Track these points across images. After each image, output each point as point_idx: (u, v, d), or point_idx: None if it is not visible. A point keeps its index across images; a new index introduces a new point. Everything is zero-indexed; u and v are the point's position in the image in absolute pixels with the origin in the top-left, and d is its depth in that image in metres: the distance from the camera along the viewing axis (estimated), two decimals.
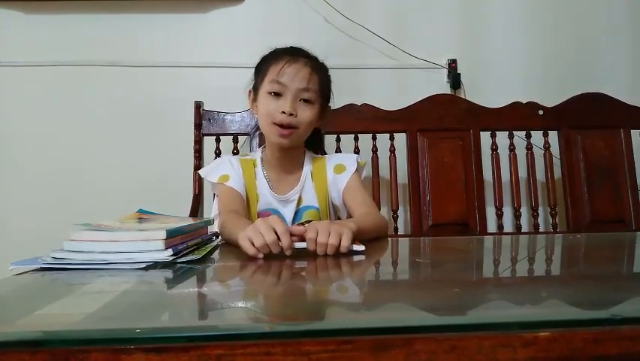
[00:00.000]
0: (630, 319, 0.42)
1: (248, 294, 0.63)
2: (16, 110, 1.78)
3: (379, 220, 1.15)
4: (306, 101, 1.16)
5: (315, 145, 1.33)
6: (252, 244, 0.80)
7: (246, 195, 1.20)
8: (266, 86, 1.17)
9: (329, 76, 1.23)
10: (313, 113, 1.17)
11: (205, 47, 1.83)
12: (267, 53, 1.23)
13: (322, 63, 1.22)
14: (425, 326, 0.42)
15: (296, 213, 1.22)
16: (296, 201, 1.22)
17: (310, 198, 1.23)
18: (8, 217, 1.75)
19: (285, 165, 1.24)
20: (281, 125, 1.14)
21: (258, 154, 1.28)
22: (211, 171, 1.23)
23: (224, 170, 1.21)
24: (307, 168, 1.25)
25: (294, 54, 1.18)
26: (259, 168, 1.24)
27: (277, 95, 1.15)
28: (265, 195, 1.22)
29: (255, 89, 1.23)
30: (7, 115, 1.78)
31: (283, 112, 1.13)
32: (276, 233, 0.80)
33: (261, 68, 1.21)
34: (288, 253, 0.81)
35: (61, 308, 0.54)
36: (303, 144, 1.26)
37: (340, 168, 1.24)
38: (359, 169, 1.26)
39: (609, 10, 1.93)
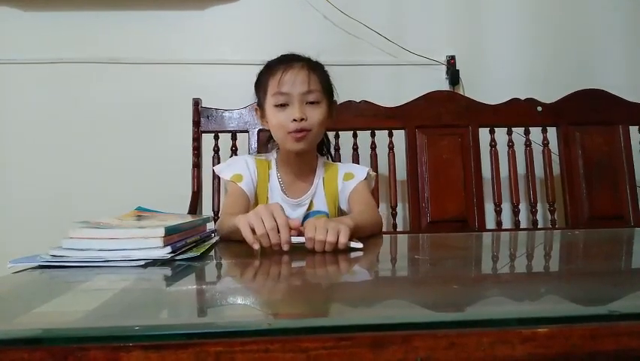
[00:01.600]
0: (628, 315, 0.42)
1: (246, 291, 0.63)
2: (15, 107, 1.78)
3: (375, 217, 1.16)
4: (312, 103, 1.16)
5: (322, 148, 1.34)
6: (252, 230, 0.81)
7: (255, 195, 1.22)
8: (270, 100, 1.17)
9: (327, 72, 1.24)
10: (322, 113, 1.18)
11: (203, 43, 1.83)
12: (262, 68, 1.23)
13: (317, 61, 1.22)
14: (424, 322, 0.42)
15: (305, 217, 1.23)
16: (307, 206, 1.23)
17: (321, 204, 1.25)
18: (7, 215, 1.74)
19: (299, 169, 1.25)
20: (294, 132, 1.15)
21: (272, 155, 1.28)
22: (226, 169, 1.25)
23: (238, 169, 1.22)
24: (320, 173, 1.27)
25: (287, 61, 1.18)
26: (273, 170, 1.25)
27: (283, 105, 1.16)
28: (275, 198, 1.23)
29: (260, 105, 1.23)
30: (6, 113, 1.78)
31: (294, 120, 1.14)
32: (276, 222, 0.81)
33: (261, 84, 1.22)
34: (285, 247, 0.82)
35: (60, 306, 0.54)
36: (315, 149, 1.27)
37: (349, 176, 1.25)
38: (368, 178, 1.27)
39: (607, 6, 1.92)
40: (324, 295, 0.60)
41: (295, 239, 0.84)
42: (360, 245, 0.85)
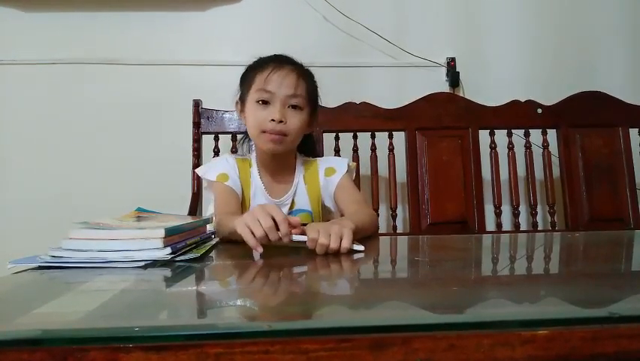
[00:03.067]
0: (628, 317, 0.42)
1: (246, 292, 0.63)
2: (15, 107, 1.78)
3: (371, 217, 1.16)
4: (294, 107, 1.15)
5: (307, 149, 1.33)
6: (252, 233, 0.80)
7: (242, 194, 1.21)
8: (253, 95, 1.16)
9: (315, 82, 1.23)
10: (302, 119, 1.17)
11: (204, 44, 1.83)
12: (252, 63, 1.23)
13: (308, 69, 1.22)
14: (424, 324, 0.42)
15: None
16: (289, 205, 1.22)
17: (303, 202, 1.24)
18: (6, 215, 1.74)
19: (278, 169, 1.24)
20: (270, 132, 1.14)
21: (253, 155, 1.27)
22: (209, 170, 1.23)
23: (222, 168, 1.21)
24: (299, 171, 1.25)
25: (279, 61, 1.18)
26: (254, 169, 1.24)
27: (265, 103, 1.15)
28: (259, 198, 1.22)
29: (242, 99, 1.22)
30: (6, 113, 1.78)
31: (272, 120, 1.13)
32: (274, 220, 0.81)
33: (247, 78, 1.21)
34: (285, 240, 0.81)
35: (60, 307, 0.54)
36: (294, 149, 1.26)
37: (331, 171, 1.24)
38: (349, 171, 1.26)
39: (608, 8, 1.93)
40: (324, 296, 0.60)
41: (297, 237, 0.83)
42: (361, 248, 0.85)
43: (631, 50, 1.93)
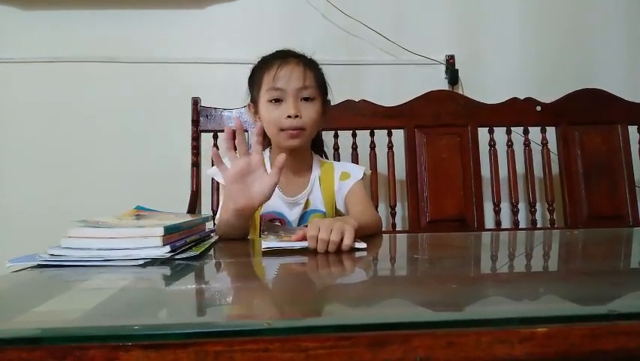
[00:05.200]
0: (627, 314, 0.42)
1: (246, 290, 0.63)
2: (13, 106, 1.78)
3: (375, 217, 1.16)
4: (307, 99, 1.16)
5: (316, 146, 1.33)
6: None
7: None
8: (264, 96, 1.17)
9: (322, 70, 1.24)
10: (317, 110, 1.18)
11: (202, 42, 1.82)
12: (257, 63, 1.23)
13: (312, 59, 1.22)
14: (423, 321, 0.42)
15: (302, 217, 1.22)
16: (303, 205, 1.22)
17: (317, 202, 1.23)
18: (5, 214, 1.74)
19: (294, 168, 1.23)
20: (289, 129, 1.14)
21: (266, 154, 1.27)
22: (217, 172, 1.23)
23: None
24: (315, 171, 1.25)
25: (283, 56, 1.18)
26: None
27: (278, 101, 1.15)
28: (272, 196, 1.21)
29: (254, 101, 1.23)
30: (4, 111, 1.77)
31: (289, 116, 1.13)
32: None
33: (255, 79, 1.21)
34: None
35: (59, 305, 0.54)
36: (309, 147, 1.27)
37: (346, 176, 1.25)
38: (364, 178, 1.27)
39: (607, 6, 1.92)
40: (324, 294, 0.60)
41: (299, 244, 0.83)
42: (363, 245, 0.85)
43: (630, 48, 1.92)
